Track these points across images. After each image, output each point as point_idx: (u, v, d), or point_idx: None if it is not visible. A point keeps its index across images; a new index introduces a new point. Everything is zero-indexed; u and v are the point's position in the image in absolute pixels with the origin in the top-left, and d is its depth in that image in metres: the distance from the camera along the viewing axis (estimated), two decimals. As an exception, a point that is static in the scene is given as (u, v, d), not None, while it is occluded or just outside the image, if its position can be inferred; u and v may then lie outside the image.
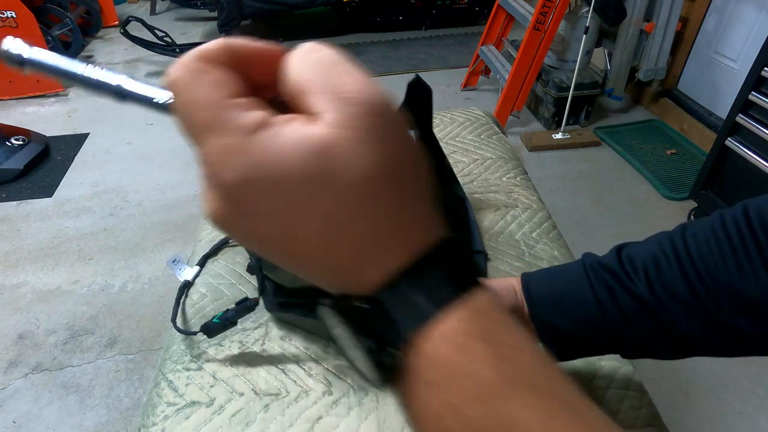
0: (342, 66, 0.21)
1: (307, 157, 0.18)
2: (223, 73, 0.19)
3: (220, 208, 0.19)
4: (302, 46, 0.21)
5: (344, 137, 0.18)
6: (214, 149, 0.18)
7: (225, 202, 0.19)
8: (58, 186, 2.20)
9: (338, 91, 0.19)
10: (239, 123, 0.18)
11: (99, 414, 1.35)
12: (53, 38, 2.92)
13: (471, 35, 3.67)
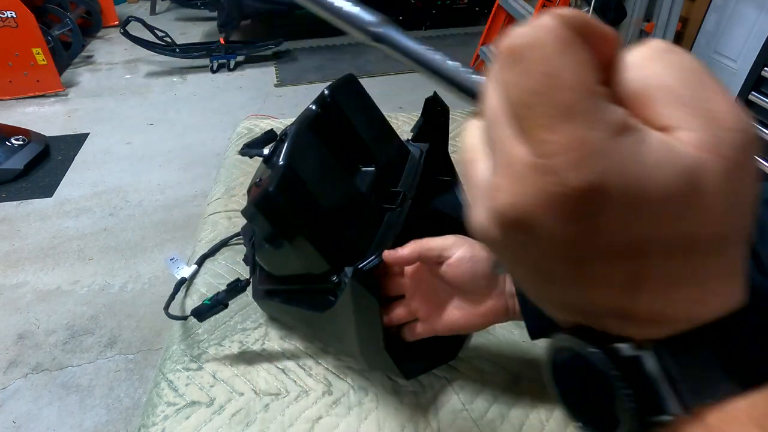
0: (709, 79, 0.17)
1: (676, 178, 0.15)
2: (589, 51, 0.16)
3: (534, 211, 0.15)
4: (652, 42, 0.17)
5: (715, 166, 0.15)
6: (567, 140, 0.14)
7: (548, 205, 0.15)
8: (58, 186, 2.20)
9: (709, 109, 0.16)
10: (607, 117, 0.15)
11: (99, 414, 1.35)
12: (53, 38, 2.92)
13: (471, 35, 3.67)
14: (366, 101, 0.65)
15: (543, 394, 0.59)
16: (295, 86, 3.04)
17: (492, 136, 0.17)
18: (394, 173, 0.63)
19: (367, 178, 0.60)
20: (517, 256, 0.18)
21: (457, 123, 1.13)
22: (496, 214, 0.16)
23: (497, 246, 0.18)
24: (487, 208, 0.17)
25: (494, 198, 0.16)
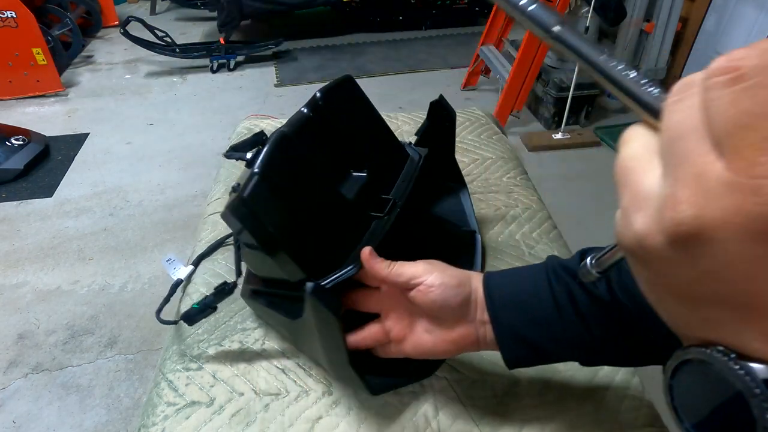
0: None
1: None
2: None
3: (720, 227, 0.16)
4: None
5: None
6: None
7: (741, 223, 0.15)
8: (58, 186, 2.20)
9: None
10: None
11: (99, 414, 1.35)
12: (53, 38, 2.92)
13: (471, 35, 3.67)
14: (362, 103, 0.64)
15: (543, 395, 0.59)
16: (295, 86, 3.04)
17: (676, 148, 0.17)
18: (389, 178, 0.61)
19: (357, 183, 0.59)
20: (668, 270, 0.18)
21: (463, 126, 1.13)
22: (672, 224, 0.17)
23: (650, 256, 0.18)
24: (660, 218, 0.17)
25: (673, 208, 0.16)
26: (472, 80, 2.93)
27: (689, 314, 0.19)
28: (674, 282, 0.18)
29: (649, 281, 0.20)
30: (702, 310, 0.18)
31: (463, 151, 1.03)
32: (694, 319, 0.19)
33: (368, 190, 0.59)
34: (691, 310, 0.19)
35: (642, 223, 0.18)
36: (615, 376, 0.61)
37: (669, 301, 0.20)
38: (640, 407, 0.58)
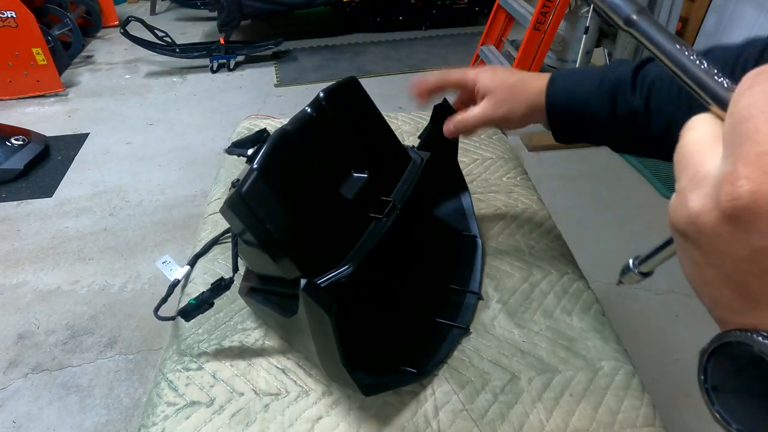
0: None
1: None
2: None
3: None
4: None
5: None
6: None
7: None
8: (58, 186, 2.20)
9: None
10: None
11: (99, 414, 1.35)
12: (53, 38, 2.92)
13: (471, 35, 3.67)
14: (366, 105, 0.64)
15: (543, 394, 0.59)
16: (295, 86, 3.04)
17: (742, 129, 0.18)
18: (391, 180, 0.62)
19: (357, 184, 0.59)
20: (720, 248, 0.19)
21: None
22: (729, 198, 0.17)
23: (702, 235, 0.19)
24: (717, 194, 0.18)
25: (732, 184, 0.17)
26: (472, 80, 2.92)
27: (735, 297, 0.19)
28: (724, 262, 0.19)
29: (698, 263, 0.20)
30: (749, 291, 0.19)
31: (463, 151, 1.03)
32: (739, 302, 0.19)
33: (368, 191, 0.59)
34: (738, 291, 0.19)
35: (697, 201, 0.19)
36: (615, 375, 0.61)
37: (716, 283, 0.20)
38: (640, 407, 0.58)
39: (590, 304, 0.71)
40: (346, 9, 3.72)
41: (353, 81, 0.63)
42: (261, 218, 0.50)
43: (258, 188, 0.50)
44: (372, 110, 0.64)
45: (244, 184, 0.49)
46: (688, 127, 0.21)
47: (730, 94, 0.20)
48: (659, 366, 1.42)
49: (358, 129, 0.61)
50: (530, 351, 0.64)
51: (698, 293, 0.22)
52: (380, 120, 0.65)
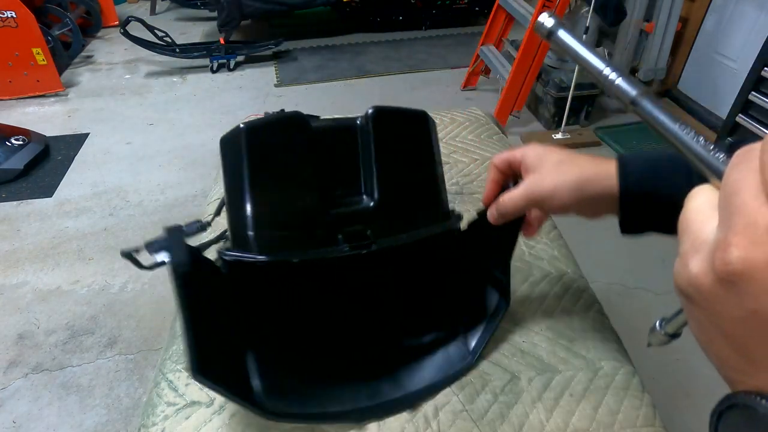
0: None
1: None
2: None
3: (763, 268, 0.18)
4: None
5: None
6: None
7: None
8: (58, 186, 2.20)
9: None
10: None
11: (99, 414, 1.35)
12: (53, 38, 2.92)
13: (471, 35, 3.67)
14: (421, 144, 0.58)
15: (543, 394, 0.59)
16: (295, 86, 3.04)
17: (732, 201, 0.20)
18: (399, 224, 0.56)
19: (356, 205, 0.55)
20: (718, 309, 0.20)
21: (463, 126, 1.13)
22: (722, 263, 0.19)
23: (702, 296, 0.21)
24: (712, 260, 0.20)
25: (723, 250, 0.19)
26: (472, 80, 2.93)
27: (737, 357, 0.21)
28: (723, 322, 0.20)
29: (701, 323, 0.22)
30: (749, 352, 0.20)
31: (463, 151, 1.03)
32: (741, 362, 0.21)
33: (360, 218, 0.55)
34: (739, 351, 0.20)
35: (696, 264, 0.21)
36: (615, 375, 0.61)
37: (719, 342, 0.21)
38: (640, 407, 0.58)
39: (590, 304, 0.71)
40: (346, 9, 3.72)
41: (424, 116, 0.59)
42: (242, 159, 0.51)
43: (254, 136, 0.51)
44: (426, 154, 0.58)
45: (247, 125, 0.51)
46: (691, 196, 0.23)
47: (725, 168, 0.21)
48: (659, 366, 1.42)
49: (395, 159, 0.56)
50: (530, 351, 0.64)
51: (706, 352, 0.23)
52: (430, 168, 0.58)
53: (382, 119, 0.56)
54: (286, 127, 0.52)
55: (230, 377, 0.52)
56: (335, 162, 0.55)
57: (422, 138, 0.58)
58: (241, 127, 0.51)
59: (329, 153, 0.55)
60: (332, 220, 0.53)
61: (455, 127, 1.11)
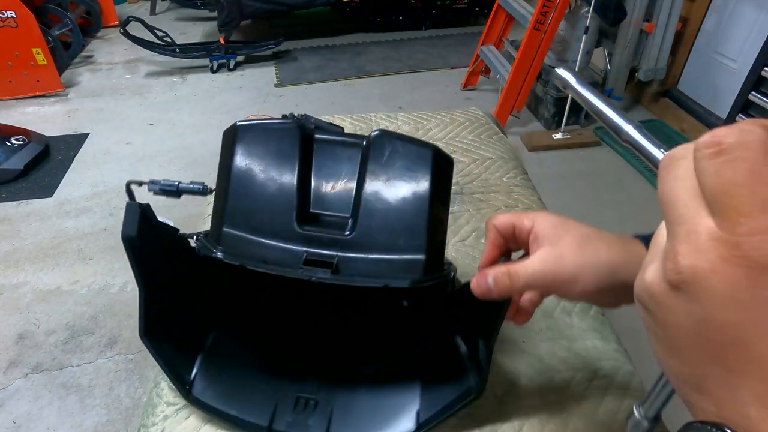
0: None
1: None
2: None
3: (709, 275, 0.18)
4: None
5: None
6: (762, 226, 0.17)
7: (724, 272, 0.18)
8: (58, 186, 2.20)
9: None
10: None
11: (99, 414, 1.35)
12: (53, 38, 2.92)
13: (471, 35, 3.67)
14: (421, 181, 0.51)
15: (543, 395, 0.59)
16: (295, 86, 3.04)
17: (670, 211, 0.20)
18: (368, 265, 0.50)
19: (326, 225, 0.51)
20: (670, 319, 0.20)
21: (463, 126, 1.13)
22: (672, 272, 0.19)
23: (655, 305, 0.21)
24: (663, 268, 0.20)
25: (673, 260, 0.19)
26: (472, 80, 2.93)
27: (690, 373, 0.21)
28: (676, 334, 0.20)
29: (658, 336, 0.22)
30: (700, 367, 0.20)
31: (463, 151, 1.03)
32: (694, 379, 0.21)
33: (336, 243, 0.50)
34: (691, 367, 0.20)
35: (650, 273, 0.21)
36: (615, 376, 0.61)
37: (674, 358, 0.21)
38: (640, 407, 0.58)
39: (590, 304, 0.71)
40: (346, 9, 3.72)
41: (434, 150, 0.52)
42: (235, 156, 0.51)
43: (249, 136, 0.51)
44: (428, 193, 0.50)
45: (245, 123, 0.51)
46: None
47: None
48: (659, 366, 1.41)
49: (388, 192, 0.51)
50: (530, 351, 0.64)
51: (664, 371, 0.23)
52: (430, 211, 0.50)
53: (383, 146, 0.51)
54: (279, 134, 0.51)
55: (174, 350, 0.55)
56: (326, 180, 0.53)
57: (426, 175, 0.51)
58: (237, 124, 0.52)
59: (322, 169, 0.53)
60: (303, 238, 0.50)
61: (455, 127, 1.11)
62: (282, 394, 0.56)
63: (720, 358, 0.19)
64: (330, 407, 0.55)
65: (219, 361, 0.57)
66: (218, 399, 0.55)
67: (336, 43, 3.59)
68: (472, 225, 0.84)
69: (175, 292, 0.55)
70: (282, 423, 0.55)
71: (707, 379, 0.20)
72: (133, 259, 0.49)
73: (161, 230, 0.52)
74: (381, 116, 1.15)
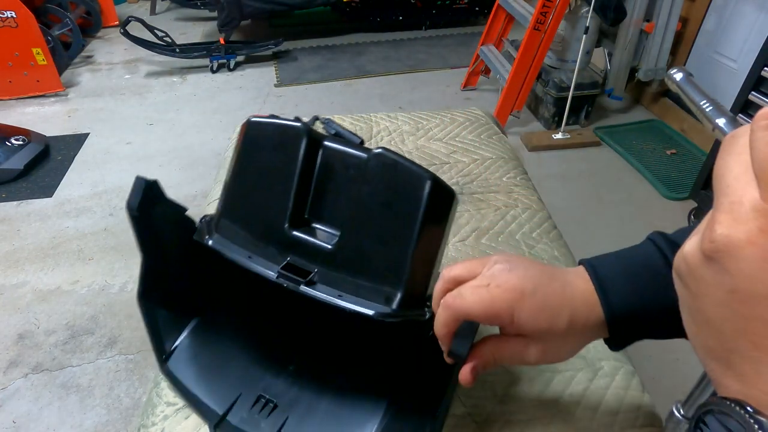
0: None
1: None
2: None
3: (745, 245, 0.18)
4: None
5: None
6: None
7: (761, 242, 0.18)
8: (58, 186, 2.20)
9: None
10: None
11: (99, 414, 1.35)
12: (53, 38, 2.92)
13: (471, 35, 3.67)
14: (412, 209, 0.47)
15: (543, 395, 0.59)
16: (295, 86, 3.04)
17: (720, 183, 0.21)
18: (344, 283, 0.48)
19: (304, 229, 0.51)
20: (703, 290, 0.20)
21: (463, 126, 1.13)
22: (707, 241, 0.19)
23: (690, 276, 0.21)
24: (701, 238, 0.20)
25: (710, 229, 0.19)
26: (472, 80, 2.93)
27: (718, 347, 0.21)
28: (707, 305, 0.21)
29: (690, 309, 0.22)
30: (728, 341, 0.20)
31: (463, 151, 1.03)
32: (722, 353, 0.21)
33: (316, 253, 0.49)
34: (720, 341, 0.20)
35: (689, 244, 0.21)
36: (615, 375, 0.61)
37: (704, 333, 0.21)
38: (640, 407, 0.58)
39: (590, 304, 0.71)
40: (346, 9, 3.72)
41: (429, 179, 0.47)
42: (234, 152, 0.53)
43: (257, 132, 0.53)
44: (418, 223, 0.47)
45: (260, 118, 0.53)
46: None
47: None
48: (659, 366, 1.42)
49: (376, 214, 0.48)
50: (530, 351, 0.64)
51: (694, 347, 0.23)
52: (417, 240, 0.47)
53: (379, 165, 0.48)
54: (287, 135, 0.50)
55: (163, 319, 0.59)
56: (326, 189, 0.51)
57: (417, 208, 0.47)
58: (249, 119, 0.53)
59: (325, 177, 0.51)
60: (291, 241, 0.50)
61: (455, 127, 1.11)
62: (247, 389, 0.57)
63: (747, 332, 0.19)
64: (286, 415, 0.55)
65: (200, 343, 0.61)
66: (188, 377, 0.59)
67: (336, 43, 3.59)
68: (472, 225, 0.84)
69: (175, 266, 0.58)
70: (236, 417, 0.56)
71: (733, 354, 0.20)
72: (135, 227, 0.53)
73: (168, 206, 0.55)
74: (381, 116, 1.15)
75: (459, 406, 0.58)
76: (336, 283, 0.48)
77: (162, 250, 0.55)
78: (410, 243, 0.47)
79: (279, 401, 0.56)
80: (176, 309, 0.61)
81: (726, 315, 0.20)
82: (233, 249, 0.51)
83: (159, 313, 0.59)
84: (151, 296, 0.57)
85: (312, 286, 0.48)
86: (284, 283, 0.48)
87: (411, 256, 0.47)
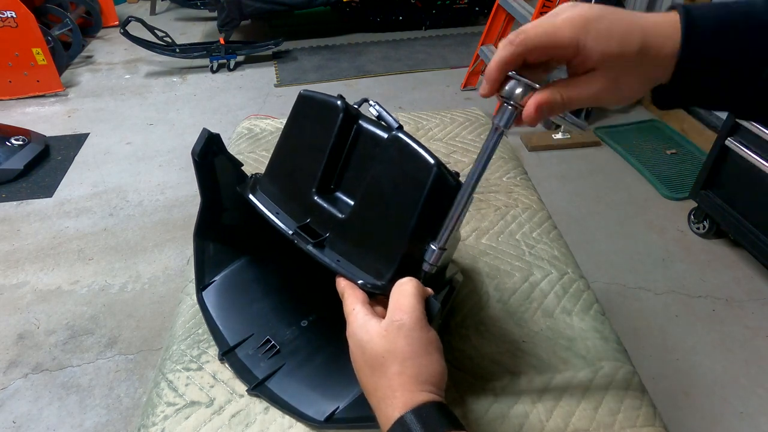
0: None
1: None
2: None
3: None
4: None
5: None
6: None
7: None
8: (58, 186, 2.20)
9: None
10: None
11: (99, 414, 1.35)
12: (53, 38, 2.92)
13: (471, 35, 3.67)
14: (416, 191, 0.49)
15: (543, 395, 0.59)
16: (295, 86, 3.04)
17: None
18: (350, 252, 0.51)
19: (327, 196, 0.54)
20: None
21: (463, 126, 1.13)
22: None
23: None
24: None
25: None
26: (472, 80, 2.93)
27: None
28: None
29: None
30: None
31: (463, 151, 1.03)
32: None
33: (330, 220, 0.52)
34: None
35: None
36: (615, 376, 0.61)
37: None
38: (640, 407, 0.58)
39: (590, 304, 0.71)
40: (346, 9, 3.72)
41: (434, 167, 0.48)
42: (289, 126, 0.59)
43: (306, 105, 0.57)
44: (418, 206, 0.48)
45: (311, 92, 0.58)
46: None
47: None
48: (659, 366, 1.42)
49: (384, 193, 0.50)
50: (530, 351, 0.64)
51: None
52: (416, 222, 0.48)
53: (394, 146, 0.50)
54: (326, 108, 0.55)
55: (209, 255, 0.68)
56: (352, 161, 0.55)
57: (421, 189, 0.48)
58: (301, 92, 0.58)
59: (353, 151, 0.55)
60: (314, 206, 0.54)
61: (455, 127, 1.11)
62: (259, 330, 0.64)
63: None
64: (283, 362, 0.61)
65: (235, 283, 0.69)
66: (215, 308, 0.67)
67: (336, 43, 3.59)
68: (472, 225, 0.85)
69: (228, 211, 0.66)
70: (243, 351, 0.63)
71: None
72: (198, 172, 0.60)
73: (226, 158, 0.62)
74: (381, 116, 1.15)
75: (458, 404, 0.58)
76: (342, 250, 0.52)
77: (218, 196, 0.64)
78: (409, 225, 0.49)
79: (282, 348, 0.63)
80: (224, 248, 0.69)
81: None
82: (266, 203, 0.57)
83: (207, 249, 0.68)
84: (205, 234, 0.66)
85: (320, 248, 0.52)
86: (296, 240, 0.53)
87: (408, 236, 0.49)
